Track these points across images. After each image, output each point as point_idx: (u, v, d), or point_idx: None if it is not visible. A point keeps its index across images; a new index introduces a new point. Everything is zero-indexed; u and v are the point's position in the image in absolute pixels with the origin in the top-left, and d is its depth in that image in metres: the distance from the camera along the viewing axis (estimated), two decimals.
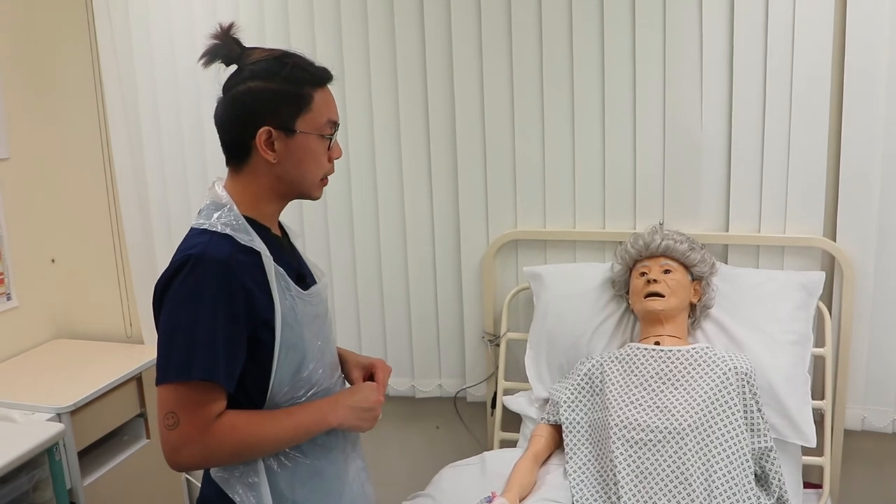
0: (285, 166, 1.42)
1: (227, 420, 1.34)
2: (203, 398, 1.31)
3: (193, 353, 1.29)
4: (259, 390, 1.40)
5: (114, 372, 2.51)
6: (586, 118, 2.40)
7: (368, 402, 1.50)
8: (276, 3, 2.53)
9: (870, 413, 2.32)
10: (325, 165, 1.47)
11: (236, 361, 1.34)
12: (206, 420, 1.31)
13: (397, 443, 2.84)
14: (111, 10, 2.64)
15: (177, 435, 1.31)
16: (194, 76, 2.62)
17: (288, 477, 1.45)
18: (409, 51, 2.48)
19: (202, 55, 1.43)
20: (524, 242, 2.55)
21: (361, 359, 1.66)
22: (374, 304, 2.69)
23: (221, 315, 1.31)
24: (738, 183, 2.32)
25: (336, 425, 1.46)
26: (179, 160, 2.70)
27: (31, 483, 2.13)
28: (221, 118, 1.44)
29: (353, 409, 1.48)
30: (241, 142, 1.41)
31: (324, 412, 1.44)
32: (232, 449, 1.35)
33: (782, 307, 2.22)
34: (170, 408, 1.31)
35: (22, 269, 2.75)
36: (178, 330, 1.31)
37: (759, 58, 2.23)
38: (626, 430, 1.96)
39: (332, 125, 1.45)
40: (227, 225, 1.37)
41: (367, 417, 1.50)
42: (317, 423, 1.43)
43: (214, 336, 1.30)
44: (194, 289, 1.31)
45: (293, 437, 1.42)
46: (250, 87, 1.39)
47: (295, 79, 1.40)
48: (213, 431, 1.32)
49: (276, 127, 1.39)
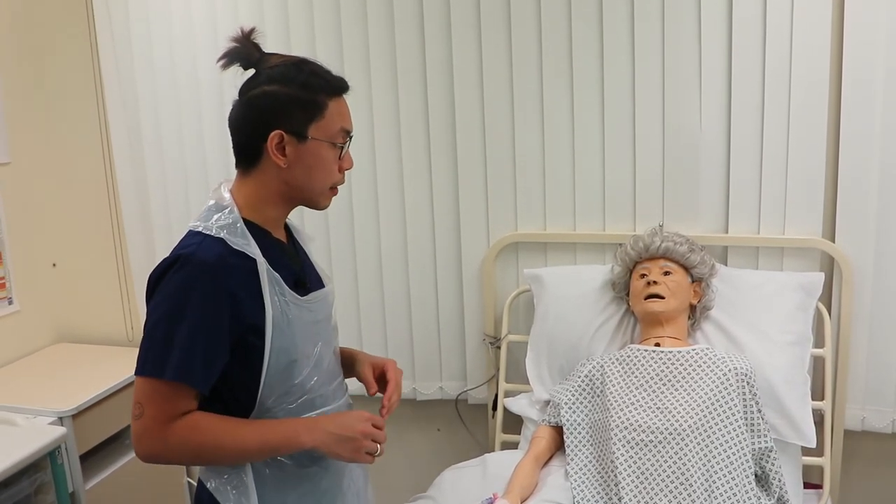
0: (294, 172, 1.42)
1: (191, 420, 1.36)
2: (171, 396, 1.34)
3: (169, 354, 1.32)
4: (249, 394, 1.41)
5: (115, 376, 2.51)
6: (586, 121, 2.41)
7: (351, 430, 1.42)
8: (275, 7, 2.54)
9: (869, 413, 2.33)
10: (335, 174, 1.48)
11: (213, 365, 1.35)
12: (168, 416, 1.34)
13: (398, 445, 2.84)
14: (111, 14, 2.65)
15: (140, 425, 1.35)
16: (195, 80, 2.63)
17: (277, 482, 1.45)
18: (409, 54, 2.49)
19: (221, 57, 1.43)
20: (524, 245, 2.56)
21: (373, 358, 1.66)
22: (375, 307, 2.69)
23: (202, 318, 1.33)
24: (738, 184, 2.33)
25: (310, 447, 1.40)
26: (180, 164, 2.70)
27: (33, 487, 2.13)
28: (236, 120, 1.44)
29: (332, 435, 1.41)
30: (252, 144, 1.42)
31: (298, 432, 1.40)
32: (191, 447, 1.36)
33: (782, 308, 2.22)
34: (138, 398, 1.35)
35: (23, 274, 2.75)
36: (158, 327, 1.34)
37: (758, 60, 2.24)
38: (627, 431, 1.97)
39: (344, 134, 1.46)
40: (224, 228, 1.38)
41: (348, 447, 1.42)
42: (288, 440, 1.39)
43: (193, 338, 1.32)
44: (179, 288, 1.34)
45: (259, 450, 1.40)
46: (266, 91, 1.40)
47: (311, 86, 1.41)
48: (173, 428, 1.34)
49: (289, 132, 1.39)
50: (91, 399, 2.36)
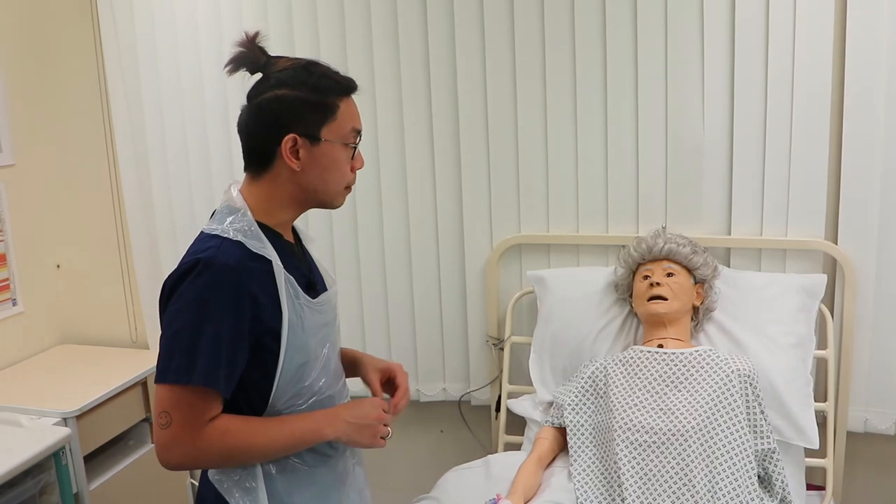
0: (309, 175, 1.42)
1: (220, 424, 1.35)
2: (198, 402, 1.33)
3: (195, 359, 1.30)
4: (261, 396, 1.41)
5: (119, 377, 2.52)
6: (589, 123, 2.42)
7: (368, 418, 1.47)
8: (280, 11, 2.55)
9: (872, 415, 2.33)
10: (348, 175, 1.48)
11: (236, 369, 1.35)
12: (198, 423, 1.33)
13: (402, 447, 2.84)
14: (116, 17, 2.66)
15: (168, 434, 1.33)
16: (199, 82, 2.64)
17: (285, 482, 1.45)
18: (412, 57, 2.50)
19: (228, 62, 1.43)
20: (528, 246, 2.56)
21: (379, 362, 1.66)
22: (379, 309, 2.70)
23: (226, 322, 1.32)
24: (740, 186, 2.33)
25: (332, 438, 1.45)
26: (184, 166, 2.71)
27: (37, 487, 2.14)
28: (246, 125, 1.44)
29: (351, 424, 1.46)
30: (265, 149, 1.41)
31: (320, 424, 1.43)
32: (221, 452, 1.37)
33: (784, 310, 2.23)
34: (164, 407, 1.33)
35: (27, 275, 2.76)
36: (181, 333, 1.32)
37: (761, 62, 2.25)
38: (630, 432, 1.97)
39: (356, 134, 1.46)
40: (240, 231, 1.38)
41: (367, 434, 1.48)
42: (312, 433, 1.43)
43: (217, 343, 1.31)
44: (201, 293, 1.32)
45: (285, 446, 1.42)
46: (277, 95, 1.40)
47: (321, 88, 1.41)
48: (203, 434, 1.33)
49: (302, 135, 1.39)
50: (95, 400, 2.37)
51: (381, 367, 1.64)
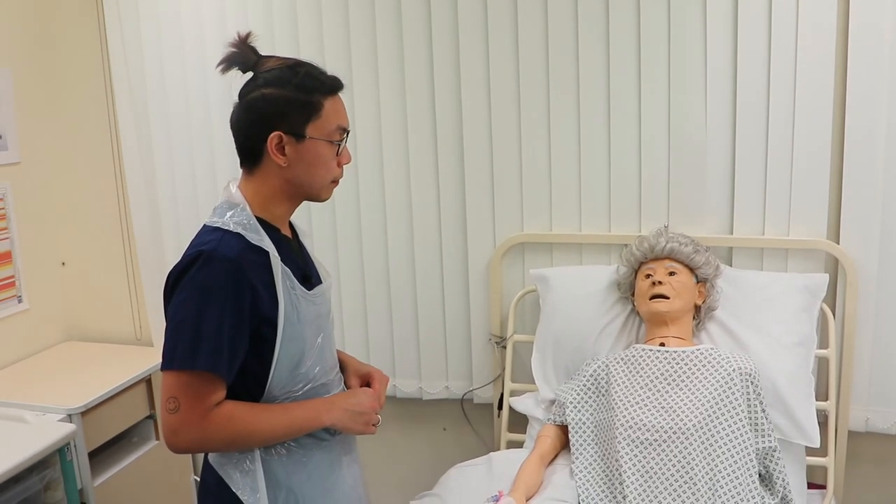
0: (295, 170, 1.48)
1: (225, 409, 1.41)
2: (204, 387, 1.39)
3: (199, 345, 1.36)
4: (258, 383, 1.47)
5: (124, 374, 2.54)
6: (592, 122, 2.42)
7: (362, 407, 1.58)
8: (284, 10, 2.56)
9: (873, 414, 2.33)
10: (334, 170, 1.53)
11: (237, 355, 1.41)
12: (204, 406, 1.39)
13: (404, 444, 2.85)
14: (122, 15, 2.66)
15: (177, 419, 1.38)
16: (203, 80, 2.64)
17: (283, 464, 1.51)
18: (416, 56, 2.51)
19: (220, 62, 1.49)
20: (531, 245, 2.57)
21: (360, 366, 1.73)
22: (382, 307, 2.71)
23: (227, 310, 1.38)
24: (743, 186, 2.34)
25: (329, 424, 1.53)
26: (189, 163, 2.72)
27: (42, 483, 2.15)
28: (236, 123, 1.50)
29: (347, 412, 1.55)
30: (253, 146, 1.48)
31: (318, 411, 1.52)
32: (226, 437, 1.42)
33: (786, 309, 2.23)
34: (172, 393, 1.38)
35: (33, 272, 2.78)
36: (185, 321, 1.38)
37: (763, 62, 2.25)
38: (632, 430, 1.98)
39: (341, 132, 1.51)
40: (239, 224, 1.44)
41: (360, 421, 1.57)
42: (311, 420, 1.51)
43: (220, 330, 1.37)
44: (204, 283, 1.38)
45: (286, 432, 1.49)
46: (264, 94, 1.45)
47: (306, 87, 1.46)
48: (210, 419, 1.39)
49: (287, 132, 1.45)
50: (100, 397, 2.38)
51: (363, 372, 1.71)
